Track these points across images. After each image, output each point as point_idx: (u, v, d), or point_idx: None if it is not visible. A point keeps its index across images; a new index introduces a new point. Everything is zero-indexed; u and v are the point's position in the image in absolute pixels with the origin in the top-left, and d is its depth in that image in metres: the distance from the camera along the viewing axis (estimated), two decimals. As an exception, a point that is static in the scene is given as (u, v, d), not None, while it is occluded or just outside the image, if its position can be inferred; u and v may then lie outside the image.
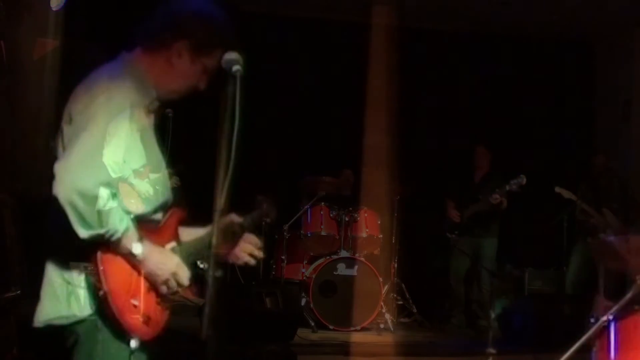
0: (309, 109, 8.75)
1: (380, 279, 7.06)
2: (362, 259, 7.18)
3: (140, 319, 2.38)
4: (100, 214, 2.26)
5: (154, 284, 2.44)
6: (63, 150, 2.37)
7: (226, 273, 7.22)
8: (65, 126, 2.40)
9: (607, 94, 9.50)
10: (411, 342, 6.76)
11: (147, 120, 2.55)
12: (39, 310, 2.42)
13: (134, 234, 2.36)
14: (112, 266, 2.34)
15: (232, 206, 2.51)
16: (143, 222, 2.46)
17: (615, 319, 3.26)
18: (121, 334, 2.35)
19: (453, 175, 8.25)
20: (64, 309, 2.38)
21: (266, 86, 7.97)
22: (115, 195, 2.32)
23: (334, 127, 8.66)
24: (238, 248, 2.85)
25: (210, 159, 2.38)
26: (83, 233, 2.27)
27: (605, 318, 3.25)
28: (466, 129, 9.10)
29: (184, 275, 2.50)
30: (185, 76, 2.57)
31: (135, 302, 2.37)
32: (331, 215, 7.44)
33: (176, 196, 2.68)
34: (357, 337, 6.61)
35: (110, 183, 2.32)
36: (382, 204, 7.67)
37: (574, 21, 8.80)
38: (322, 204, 7.50)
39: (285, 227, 7.41)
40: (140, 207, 2.47)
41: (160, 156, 2.60)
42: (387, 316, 7.06)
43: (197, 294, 7.42)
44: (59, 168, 2.27)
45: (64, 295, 2.38)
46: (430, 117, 9.14)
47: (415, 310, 7.71)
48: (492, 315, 4.92)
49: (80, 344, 2.40)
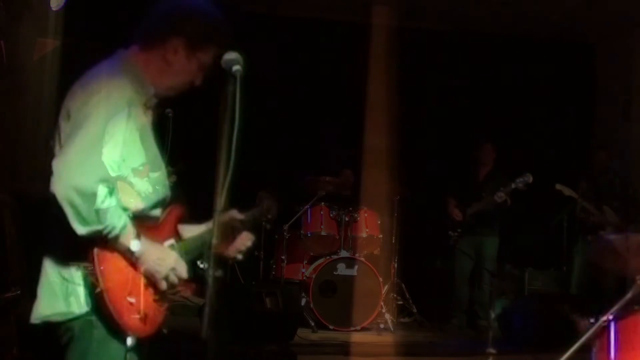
0: (309, 109, 8.74)
1: (380, 279, 7.06)
2: (362, 259, 7.17)
3: (137, 316, 2.38)
4: (98, 210, 2.27)
5: (152, 281, 2.44)
6: (60, 147, 2.38)
7: (226, 273, 7.23)
8: (62, 123, 2.41)
9: (607, 94, 9.50)
10: (411, 342, 6.76)
11: (145, 118, 2.55)
12: (36, 307, 2.43)
13: (131, 231, 2.37)
14: (109, 264, 2.35)
15: (232, 204, 2.51)
16: (141, 219, 2.47)
17: (615, 319, 3.26)
18: (117, 331, 2.36)
19: (454, 174, 8.23)
20: (61, 306, 2.38)
21: (266, 86, 7.97)
22: (112, 191, 2.33)
23: (334, 127, 8.65)
24: (233, 244, 2.85)
25: (210, 159, 2.38)
26: (80, 230, 2.28)
27: (605, 318, 3.25)
28: (466, 129, 9.10)
29: (182, 270, 2.51)
30: (182, 72, 2.59)
31: (131, 299, 2.37)
32: (331, 215, 7.44)
33: (175, 193, 2.69)
34: (357, 337, 6.60)
35: (108, 180, 2.32)
36: (382, 204, 7.66)
37: (574, 21, 8.80)
38: (322, 204, 7.50)
39: (285, 227, 7.41)
40: (139, 205, 2.47)
41: (158, 154, 2.60)
42: (387, 316, 7.05)
43: (197, 293, 7.46)
44: (57, 165, 2.28)
45: (61, 292, 2.39)
46: (430, 117, 9.14)
47: (415, 310, 7.71)
48: (492, 315, 4.92)
49: (75, 341, 2.40)
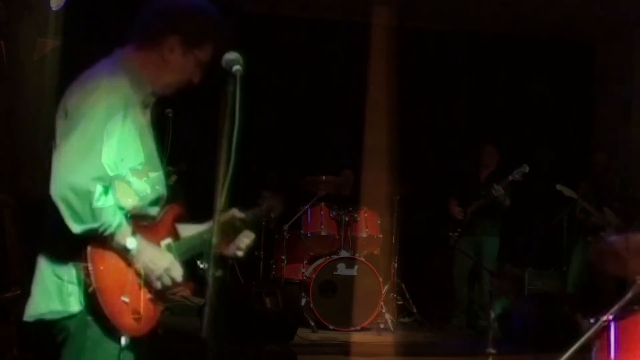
0: (309, 109, 8.74)
1: (380, 279, 7.06)
2: (362, 259, 7.17)
3: (131, 316, 2.38)
4: (93, 209, 2.27)
5: (146, 281, 2.44)
6: (56, 145, 2.38)
7: (226, 273, 7.22)
8: (60, 122, 2.41)
9: (607, 94, 9.50)
10: (411, 342, 6.76)
11: (143, 118, 2.55)
12: (29, 305, 2.43)
13: (127, 229, 2.37)
14: (103, 263, 2.35)
15: (232, 204, 2.51)
16: (138, 218, 2.47)
17: (615, 319, 3.26)
18: (111, 330, 2.36)
19: (455, 174, 8.23)
20: (55, 304, 2.38)
21: (266, 86, 7.97)
22: (108, 190, 2.33)
23: (334, 127, 8.66)
24: (233, 242, 2.82)
25: (210, 159, 2.38)
26: (76, 228, 2.28)
27: (605, 318, 3.24)
28: (465, 129, 9.11)
29: (177, 272, 2.50)
30: (179, 70, 2.58)
31: (125, 299, 2.37)
32: (331, 215, 7.43)
33: (173, 193, 2.68)
34: (357, 337, 6.60)
35: (104, 178, 2.32)
36: (382, 204, 7.66)
37: (574, 21, 8.80)
38: (322, 204, 7.49)
39: (285, 227, 7.40)
40: (136, 204, 2.48)
41: (157, 154, 2.60)
42: (387, 316, 7.05)
43: (197, 293, 7.45)
44: (54, 164, 2.28)
45: (55, 291, 2.38)
46: (429, 117, 9.14)
47: (415, 310, 7.70)
48: (492, 315, 4.91)
49: (70, 340, 2.40)
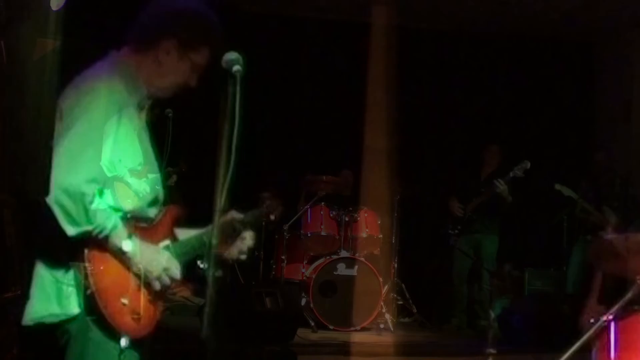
0: (309, 109, 8.75)
1: (380, 279, 7.06)
2: (362, 259, 7.17)
3: (131, 317, 2.39)
4: (87, 211, 2.27)
5: (145, 282, 2.44)
6: (54, 147, 2.37)
7: (226, 273, 7.22)
8: (57, 122, 2.40)
9: (607, 94, 9.50)
10: (411, 342, 6.76)
11: (139, 119, 2.55)
12: (28, 309, 2.42)
13: (122, 231, 2.37)
14: (101, 265, 2.35)
15: (233, 205, 2.51)
16: (136, 219, 2.46)
17: (615, 319, 3.26)
18: (112, 332, 2.36)
19: (456, 172, 8.23)
20: (54, 307, 2.38)
21: (266, 86, 7.97)
22: (102, 192, 2.33)
23: (334, 127, 8.66)
24: (234, 245, 2.81)
25: (210, 159, 2.38)
26: (70, 231, 2.28)
27: (605, 318, 3.24)
28: (465, 129, 9.11)
29: (175, 271, 2.50)
30: (174, 73, 2.57)
31: (124, 300, 2.37)
32: (331, 215, 7.43)
33: (172, 194, 2.68)
34: (357, 337, 6.60)
35: (98, 180, 2.33)
36: (382, 204, 7.66)
37: (574, 21, 8.80)
38: (322, 204, 7.49)
39: (285, 227, 7.40)
40: (136, 205, 2.48)
41: (153, 155, 2.60)
42: (387, 316, 7.05)
43: (197, 293, 7.46)
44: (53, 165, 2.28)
45: (54, 294, 2.38)
46: (429, 117, 9.14)
47: (415, 310, 7.71)
48: (492, 315, 4.90)
49: (72, 343, 2.40)
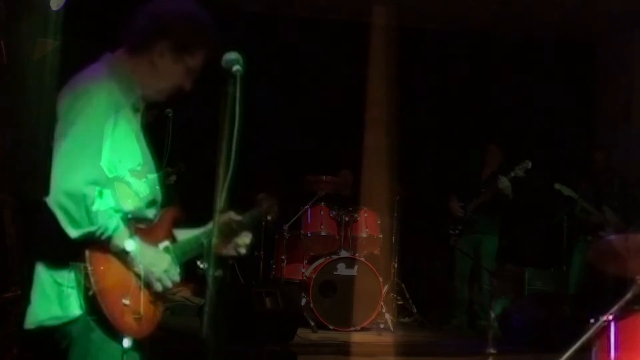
0: (309, 109, 8.75)
1: (380, 279, 7.06)
2: (362, 259, 7.17)
3: (132, 318, 2.39)
4: (89, 212, 2.27)
5: (146, 282, 2.44)
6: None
7: (226, 273, 7.22)
8: (56, 124, 2.40)
9: (607, 94, 9.50)
10: (411, 342, 6.76)
11: (135, 120, 2.55)
12: (30, 312, 2.40)
13: (124, 232, 2.37)
14: (102, 266, 2.35)
15: (232, 205, 2.51)
16: (136, 220, 2.46)
17: (615, 319, 3.26)
18: (113, 333, 2.36)
19: (457, 172, 8.23)
20: (55, 310, 2.37)
21: (266, 86, 7.97)
22: (103, 193, 2.33)
23: (333, 127, 8.66)
24: (230, 244, 2.81)
25: (209, 159, 2.38)
26: (73, 233, 2.28)
27: (605, 318, 3.25)
28: (465, 129, 9.11)
29: (175, 273, 2.51)
30: (169, 76, 2.56)
31: (126, 301, 2.37)
32: (331, 215, 7.43)
33: (171, 193, 2.68)
34: (357, 337, 6.60)
35: (98, 181, 2.32)
36: (382, 204, 7.66)
37: (574, 21, 8.80)
38: (322, 204, 7.49)
39: (285, 227, 7.40)
40: (136, 206, 2.48)
41: (150, 156, 2.60)
42: (387, 316, 7.05)
43: (197, 293, 7.46)
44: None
45: (54, 296, 2.37)
46: (429, 117, 9.14)
47: (415, 310, 7.71)
48: (492, 315, 4.91)
49: (74, 345, 2.40)
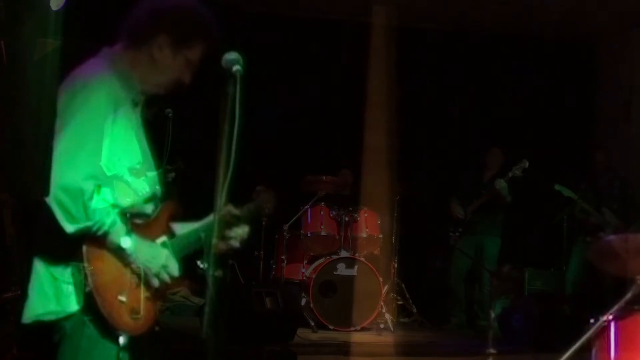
0: (309, 109, 8.75)
1: (380, 279, 7.06)
2: (362, 259, 7.17)
3: (128, 315, 2.39)
4: (86, 207, 2.27)
5: (144, 278, 2.44)
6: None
7: (226, 273, 7.22)
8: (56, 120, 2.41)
9: (607, 94, 9.50)
10: (411, 342, 6.76)
11: (135, 116, 2.55)
12: (27, 307, 2.42)
13: (121, 228, 2.37)
14: (99, 262, 2.35)
15: (230, 201, 2.50)
16: (134, 216, 2.47)
17: (615, 319, 3.26)
18: (108, 330, 2.36)
19: (458, 174, 8.23)
20: (52, 305, 2.38)
21: (266, 86, 7.97)
22: (100, 189, 2.33)
23: (333, 127, 8.66)
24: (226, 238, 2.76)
25: (210, 159, 2.38)
26: (70, 228, 2.28)
27: (605, 318, 3.25)
28: (465, 128, 9.11)
29: (174, 268, 2.51)
30: (168, 70, 2.56)
31: (122, 298, 2.38)
32: (331, 215, 7.43)
33: (169, 191, 2.68)
34: (357, 337, 6.60)
35: (97, 177, 2.33)
36: (382, 204, 7.66)
37: (574, 21, 8.80)
38: (322, 204, 7.49)
39: (285, 227, 7.40)
40: (134, 203, 2.48)
41: (150, 153, 2.60)
42: (387, 316, 7.05)
43: (197, 293, 7.46)
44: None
45: (52, 292, 2.38)
46: (429, 117, 9.14)
47: (415, 310, 7.71)
48: (492, 315, 4.91)
49: (67, 340, 2.40)
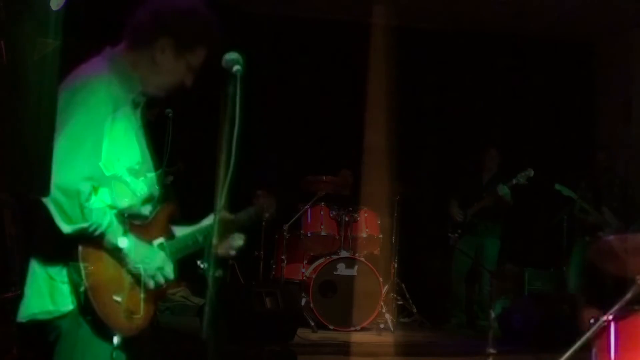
0: (309, 109, 8.74)
1: (380, 279, 7.06)
2: (362, 259, 7.17)
3: (123, 315, 2.39)
4: (83, 208, 2.27)
5: (139, 280, 2.44)
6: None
7: (226, 273, 7.22)
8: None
9: (607, 94, 9.50)
10: (411, 342, 6.76)
11: (135, 117, 2.55)
12: (23, 305, 2.42)
13: (118, 228, 2.37)
14: (94, 262, 2.35)
15: (231, 204, 2.51)
16: (131, 217, 2.47)
17: (615, 319, 3.26)
18: (103, 330, 2.36)
19: (457, 176, 8.24)
20: (47, 304, 2.38)
21: (266, 86, 7.97)
22: (98, 189, 2.33)
23: (333, 127, 8.66)
24: (225, 243, 2.78)
25: (210, 159, 2.38)
26: (66, 228, 2.28)
27: (605, 318, 3.25)
28: (465, 129, 9.10)
29: (169, 270, 2.51)
30: (169, 73, 2.55)
31: (118, 298, 2.38)
32: (331, 215, 7.44)
33: (167, 192, 2.68)
34: (357, 337, 6.60)
35: (94, 178, 2.33)
36: (382, 204, 7.66)
37: (574, 21, 8.80)
38: (322, 204, 7.50)
39: (285, 227, 7.40)
40: (132, 204, 2.48)
41: (149, 154, 2.60)
42: (387, 316, 7.05)
43: (197, 293, 7.46)
44: None
45: (47, 291, 2.38)
46: (429, 117, 9.14)
47: (415, 310, 7.71)
48: (492, 315, 4.91)
49: (62, 339, 2.40)
